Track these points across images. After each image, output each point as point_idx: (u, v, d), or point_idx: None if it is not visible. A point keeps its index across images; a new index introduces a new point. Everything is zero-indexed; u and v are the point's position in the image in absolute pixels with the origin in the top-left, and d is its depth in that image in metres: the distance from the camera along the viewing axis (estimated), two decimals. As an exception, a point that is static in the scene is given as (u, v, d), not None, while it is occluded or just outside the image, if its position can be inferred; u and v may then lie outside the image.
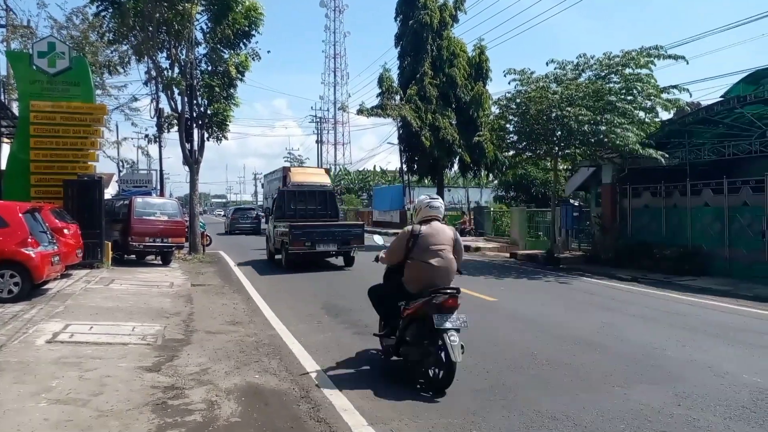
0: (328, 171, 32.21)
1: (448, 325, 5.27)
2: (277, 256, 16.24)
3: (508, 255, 20.33)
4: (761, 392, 5.36)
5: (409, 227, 6.00)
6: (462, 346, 5.23)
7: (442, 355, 5.22)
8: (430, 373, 5.41)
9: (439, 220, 6.05)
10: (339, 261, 16.55)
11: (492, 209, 32.01)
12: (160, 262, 16.33)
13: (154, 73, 20.03)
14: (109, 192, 34.28)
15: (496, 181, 34.64)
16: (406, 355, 5.71)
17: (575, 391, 5.45)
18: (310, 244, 14.89)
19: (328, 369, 6.09)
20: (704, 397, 5.21)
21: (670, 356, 6.70)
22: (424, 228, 5.85)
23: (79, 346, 6.75)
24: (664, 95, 15.82)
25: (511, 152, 20.79)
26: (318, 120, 60.24)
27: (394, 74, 25.31)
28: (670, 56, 15.65)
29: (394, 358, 5.93)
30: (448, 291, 5.47)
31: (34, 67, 14.88)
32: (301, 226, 15.09)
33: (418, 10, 24.03)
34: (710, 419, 4.69)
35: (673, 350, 6.98)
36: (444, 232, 5.91)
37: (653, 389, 5.45)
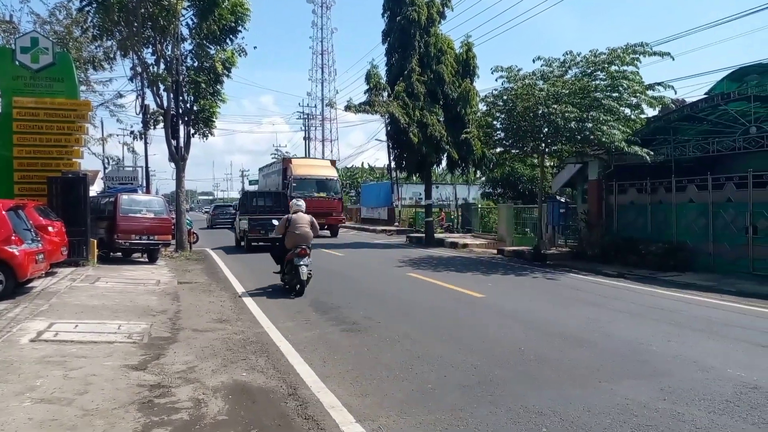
0: (333, 162, 32.98)
1: (301, 262, 10.42)
2: (242, 243, 20.78)
3: (495, 251, 20.41)
4: (744, 386, 5.42)
5: (287, 215, 11.29)
6: (309, 273, 10.62)
7: (299, 276, 10.38)
8: (297, 287, 10.50)
9: (302, 212, 11.20)
10: (327, 259, 16.51)
11: (479, 206, 32.10)
12: (147, 260, 16.23)
13: (139, 69, 19.87)
14: (95, 189, 33.96)
15: (483, 178, 34.72)
16: (286, 279, 10.98)
17: (562, 386, 5.48)
18: (264, 233, 19.19)
19: (316, 366, 6.08)
20: (689, 392, 5.26)
21: (656, 351, 6.76)
22: (293, 216, 11.05)
23: (63, 344, 6.68)
24: (650, 92, 15.93)
25: (499, 149, 20.86)
26: (305, 116, 60.10)
27: (382, 71, 25.23)
28: (655, 53, 15.76)
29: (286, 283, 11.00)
30: (303, 246, 10.59)
31: (17, 63, 14.68)
32: (257, 219, 19.71)
33: (405, 6, 23.96)
34: (695, 413, 4.74)
35: (658, 345, 7.05)
36: (303, 218, 11.03)
37: (639, 384, 5.50)
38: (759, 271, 13.30)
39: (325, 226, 27.00)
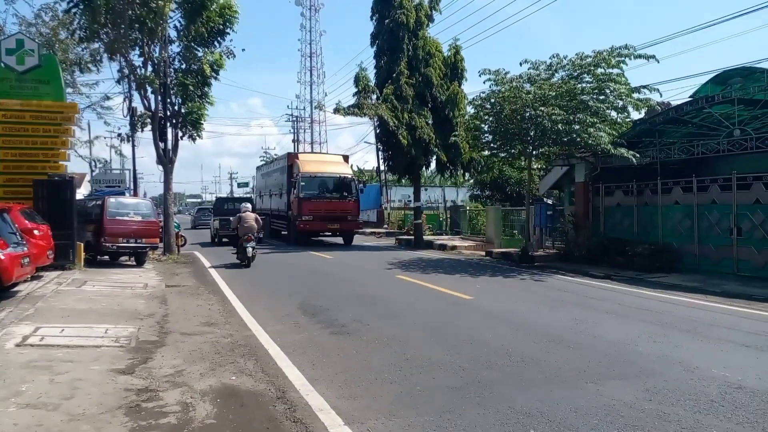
0: (347, 158, 28.02)
1: (247, 245, 15.57)
2: (216, 240, 25.60)
3: (483, 253, 20.49)
4: (729, 386, 5.49)
5: (238, 215, 16.44)
6: (254, 252, 15.81)
7: (246, 254, 15.55)
8: (245, 262, 15.57)
9: (249, 212, 16.52)
10: (315, 261, 16.53)
11: (468, 208, 32.21)
12: (134, 263, 16.12)
13: (126, 71, 19.76)
14: (81, 192, 33.67)
15: (471, 181, 34.84)
16: (240, 257, 15.96)
17: (549, 387, 5.52)
18: (229, 229, 20.76)
19: (305, 369, 6.07)
20: (675, 392, 5.32)
21: (642, 352, 6.82)
22: (242, 215, 16.21)
23: (49, 349, 6.63)
24: (635, 95, 16.07)
25: (486, 152, 20.96)
26: (294, 119, 59.89)
27: (371, 73, 25.25)
28: (640, 56, 15.89)
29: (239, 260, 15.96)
30: (249, 235, 15.75)
31: (2, 65, 14.61)
32: (225, 219, 23.26)
33: (394, 9, 24.00)
34: (680, 413, 4.79)
35: (644, 346, 7.12)
36: (250, 216, 16.25)
37: (625, 384, 5.55)
38: (743, 272, 13.46)
39: (337, 232, 24.89)
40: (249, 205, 17.66)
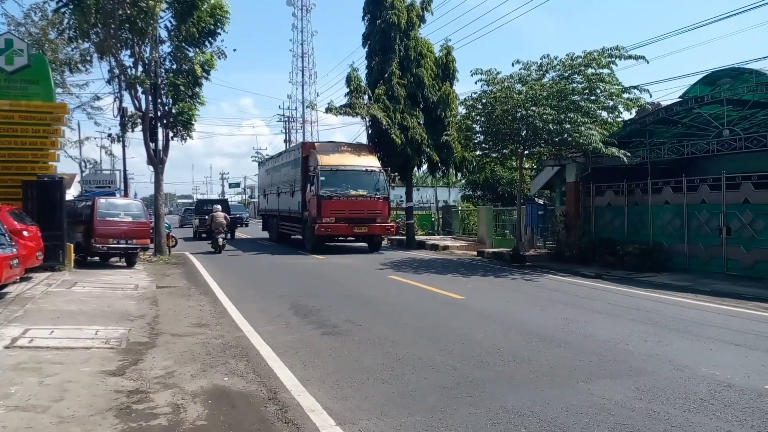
0: (371, 148, 23.75)
1: (218, 237, 20.65)
2: (196, 235, 28.42)
3: (475, 253, 20.53)
4: (718, 384, 5.53)
5: (211, 214, 21.57)
6: (223, 241, 21.06)
7: (218, 243, 20.56)
8: (215, 249, 20.44)
9: (219, 212, 21.31)
10: (307, 262, 16.49)
11: (460, 208, 32.26)
12: (125, 264, 16.02)
13: (117, 71, 19.64)
14: (72, 193, 33.46)
15: (463, 181, 34.91)
16: (213, 246, 20.73)
17: (540, 386, 5.54)
18: (207, 226, 23.37)
19: (297, 370, 6.06)
20: (665, 391, 5.35)
21: (633, 351, 6.86)
22: (214, 214, 21.20)
23: (39, 351, 6.58)
24: (626, 95, 16.16)
25: (478, 152, 21.01)
26: (286, 119, 59.79)
27: (362, 74, 25.24)
28: (630, 57, 15.97)
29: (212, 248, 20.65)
30: (219, 229, 20.80)
31: (-9, 65, 14.43)
32: (203, 218, 26.17)
33: (385, 9, 24.02)
34: (670, 412, 4.82)
35: (635, 345, 7.16)
36: (220, 216, 21.09)
37: (616, 383, 5.58)
38: (732, 271, 13.57)
39: (364, 237, 21.38)
40: (219, 207, 22.53)
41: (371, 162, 21.71)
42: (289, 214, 24.41)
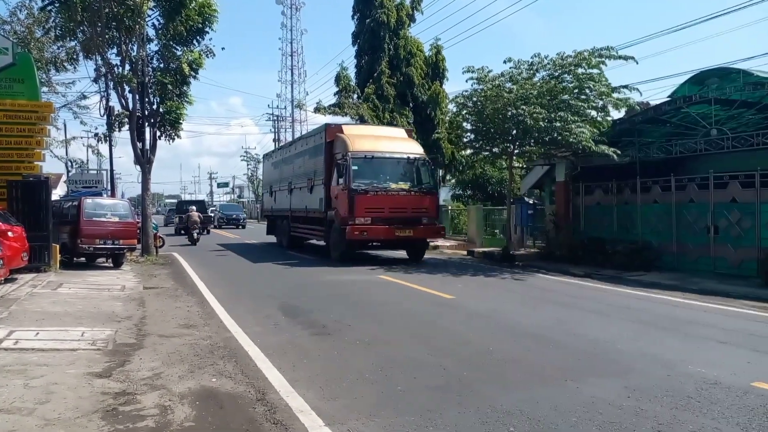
0: (410, 132, 20.68)
1: (193, 231, 24.79)
2: (176, 231, 31.63)
3: (465, 253, 20.55)
4: (705, 382, 5.56)
5: (187, 214, 26.46)
6: (197, 235, 24.99)
7: (192, 236, 24.77)
8: (191, 241, 24.49)
9: (194, 212, 25.89)
10: (296, 263, 16.44)
11: (449, 207, 32.29)
12: (111, 265, 15.89)
13: (104, 69, 19.46)
14: (57, 193, 33.14)
15: (453, 180, 34.94)
16: (188, 239, 24.97)
17: (530, 385, 5.54)
18: (184, 223, 27.17)
19: (285, 371, 6.02)
20: (652, 389, 5.37)
21: (621, 350, 6.89)
22: (189, 213, 25.83)
23: (24, 353, 6.50)
24: (615, 94, 16.23)
25: (468, 151, 21.01)
26: (275, 118, 59.63)
27: (352, 73, 25.31)
28: (620, 57, 16.05)
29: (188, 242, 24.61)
30: (194, 225, 24.96)
31: (-25, 63, 14.24)
32: (182, 216, 29.90)
33: (375, 8, 24.06)
34: (657, 409, 4.84)
35: (624, 344, 7.18)
36: (194, 215, 25.27)
37: (605, 382, 5.59)
38: (720, 270, 13.67)
39: (408, 243, 17.51)
40: (194, 207, 28.43)
41: (413, 148, 18.08)
42: (305, 214, 20.26)
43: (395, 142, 18.11)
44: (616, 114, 17.02)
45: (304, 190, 20.24)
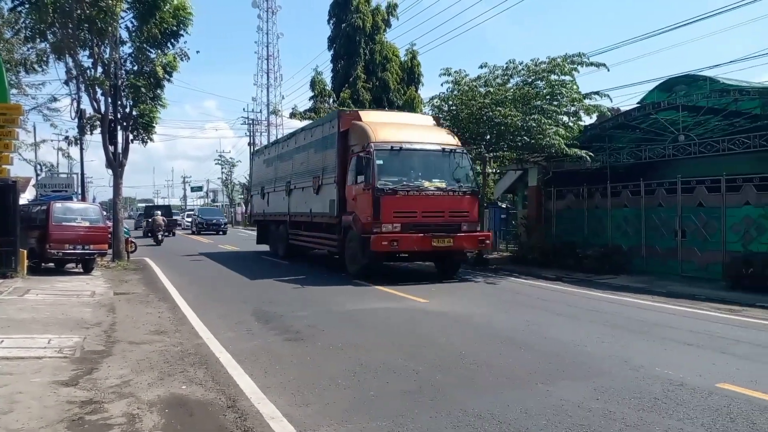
0: (438, 119, 17.28)
1: (158, 233, 28.35)
2: (144, 234, 32.29)
3: (440, 257, 20.60)
4: (672, 383, 5.67)
5: (153, 218, 29.97)
6: (162, 236, 28.70)
7: (157, 238, 28.27)
8: (156, 242, 27.82)
9: (159, 216, 29.48)
10: (269, 266, 16.31)
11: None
12: (81, 271, 15.59)
13: (75, 72, 19.11)
14: (26, 197, 32.41)
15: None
16: (153, 239, 28.33)
17: (500, 389, 5.60)
18: (155, 227, 28.94)
19: (257, 377, 5.98)
20: (620, 391, 5.46)
21: (590, 352, 6.99)
22: (155, 217, 29.30)
23: (-12, 361, 6.35)
24: (587, 101, 16.50)
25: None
26: (250, 122, 59.15)
27: (327, 77, 25.34)
28: (592, 63, 16.34)
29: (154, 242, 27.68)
30: (159, 227, 28.52)
31: (-60, 64, 13.88)
32: (149, 221, 31.71)
33: (351, 13, 24.11)
34: (625, 411, 4.92)
35: (593, 346, 7.29)
36: (159, 219, 28.82)
37: (574, 385, 5.67)
38: (687, 273, 13.97)
39: (444, 254, 14.07)
40: (160, 212, 31.91)
41: (446, 138, 14.98)
42: (309, 219, 17.26)
43: (424, 131, 15.22)
44: (588, 120, 17.31)
45: (308, 191, 17.17)
